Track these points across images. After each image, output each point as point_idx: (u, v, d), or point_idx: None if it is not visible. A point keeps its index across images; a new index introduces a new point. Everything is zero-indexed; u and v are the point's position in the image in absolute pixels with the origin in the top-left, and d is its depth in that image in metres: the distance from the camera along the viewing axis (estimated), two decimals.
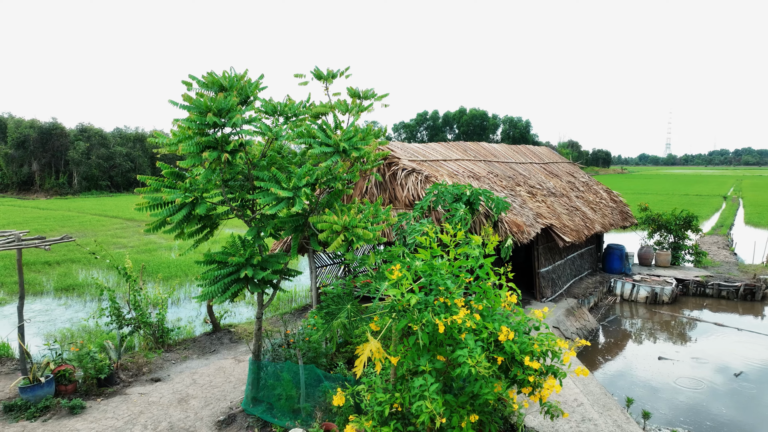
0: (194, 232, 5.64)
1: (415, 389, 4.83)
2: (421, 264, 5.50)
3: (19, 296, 7.08)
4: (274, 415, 6.38)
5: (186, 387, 7.63)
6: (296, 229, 5.60)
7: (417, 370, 5.17)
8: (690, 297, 14.62)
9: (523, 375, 4.90)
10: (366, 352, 5.32)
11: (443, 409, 4.65)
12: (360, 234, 5.09)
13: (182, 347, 9.36)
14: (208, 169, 4.98)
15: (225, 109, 4.88)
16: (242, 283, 5.41)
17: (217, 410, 6.87)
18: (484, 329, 5.01)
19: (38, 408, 6.71)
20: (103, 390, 7.39)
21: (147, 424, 6.49)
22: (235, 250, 5.56)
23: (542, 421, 6.49)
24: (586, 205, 14.55)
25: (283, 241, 11.88)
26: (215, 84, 5.14)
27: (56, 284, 15.67)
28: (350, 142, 5.22)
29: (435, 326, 4.93)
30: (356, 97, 6.25)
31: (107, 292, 9.01)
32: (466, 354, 4.69)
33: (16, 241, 6.88)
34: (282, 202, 5.05)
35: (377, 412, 5.12)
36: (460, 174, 10.67)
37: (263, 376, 6.63)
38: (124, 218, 33.17)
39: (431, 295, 5.19)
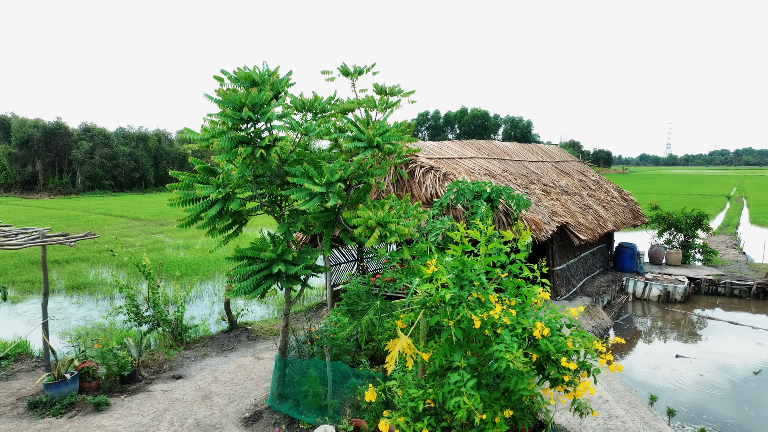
0: (224, 228, 5.62)
1: (450, 385, 4.82)
2: (452, 260, 5.51)
3: (43, 293, 7.08)
4: (300, 412, 6.37)
5: (208, 384, 7.63)
6: (327, 225, 5.59)
7: (451, 365, 5.17)
8: (702, 296, 14.61)
9: (557, 373, 4.89)
10: (397, 348, 5.31)
11: (480, 404, 4.64)
12: (394, 229, 5.08)
13: (201, 345, 9.35)
14: (242, 165, 4.96)
15: (259, 104, 4.87)
16: (273, 279, 5.39)
17: (242, 407, 6.86)
18: (518, 325, 5.00)
19: (63, 405, 6.70)
20: (125, 387, 7.38)
21: (173, 421, 6.48)
22: (265, 246, 5.56)
23: (569, 418, 6.48)
24: (598, 204, 14.54)
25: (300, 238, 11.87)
26: (247, 79, 5.13)
27: (67, 283, 15.65)
28: (384, 137, 5.21)
29: (470, 322, 4.93)
30: (382, 94, 6.25)
31: (125, 290, 8.99)
32: (504, 349, 4.69)
33: (40, 237, 6.87)
34: (315, 198, 5.04)
35: (410, 408, 5.11)
36: (477, 172, 10.67)
37: (289, 373, 6.62)
38: (130, 217, 33.17)
39: (464, 291, 5.19)
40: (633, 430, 6.15)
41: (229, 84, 5.29)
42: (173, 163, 63.02)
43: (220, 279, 16.56)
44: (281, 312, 12.61)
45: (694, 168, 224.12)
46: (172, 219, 32.61)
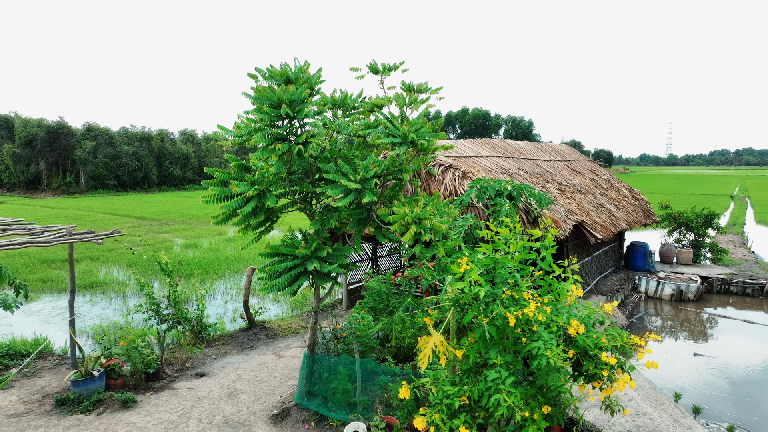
0: (257, 224, 5.63)
1: (488, 382, 4.83)
2: (483, 257, 5.52)
3: (69, 290, 7.09)
4: (329, 409, 6.38)
5: (232, 382, 7.64)
6: (360, 222, 5.60)
7: (486, 362, 5.18)
8: (714, 294, 14.62)
9: (595, 369, 4.91)
10: (429, 345, 5.33)
11: (521, 402, 4.65)
12: (429, 226, 5.09)
13: (220, 343, 9.36)
14: (279, 161, 4.97)
15: (297, 101, 4.88)
16: (307, 276, 5.40)
17: (269, 404, 6.87)
18: (552, 322, 5.01)
19: (91, 402, 6.72)
20: (150, 384, 7.39)
21: (202, 418, 6.49)
22: (297, 243, 5.57)
23: (597, 416, 6.49)
24: (611, 203, 14.55)
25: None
26: (281, 76, 5.14)
27: (79, 282, 15.64)
28: (418, 133, 5.22)
29: (504, 319, 4.95)
30: (410, 91, 6.26)
31: (146, 289, 8.99)
32: (542, 346, 4.70)
33: (68, 235, 6.88)
34: (351, 194, 5.05)
35: (446, 404, 5.12)
36: (494, 170, 10.68)
37: (316, 370, 6.63)
38: (135, 217, 33.18)
39: (497, 288, 5.20)
40: (662, 427, 6.16)
41: (263, 81, 5.31)
42: (176, 163, 63.04)
43: (231, 278, 16.58)
44: (296, 311, 12.64)
45: (695, 168, 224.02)
46: (178, 218, 32.63)
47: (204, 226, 29.40)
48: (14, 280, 8.64)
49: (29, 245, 6.40)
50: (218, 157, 71.74)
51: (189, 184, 65.95)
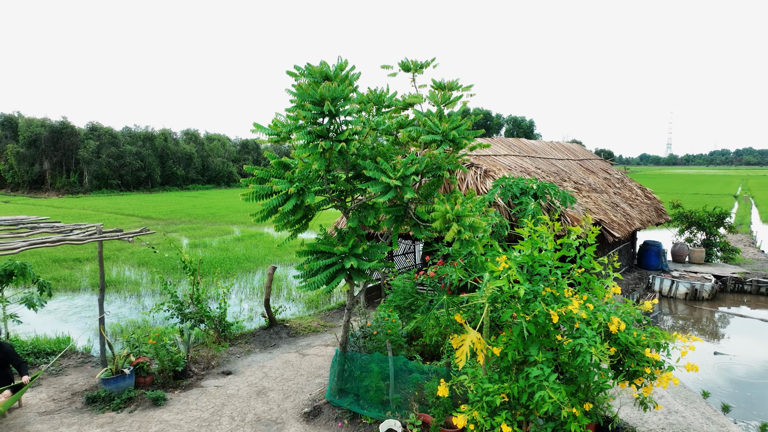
0: (295, 222, 5.62)
1: (531, 379, 4.84)
2: (521, 255, 5.52)
3: (99, 288, 7.10)
4: (361, 407, 6.38)
5: (259, 380, 7.64)
6: (397, 219, 5.60)
7: (526, 360, 5.18)
8: (728, 293, 14.62)
9: (637, 366, 4.91)
10: (467, 343, 5.34)
11: (566, 399, 4.65)
12: (469, 223, 5.09)
13: (243, 341, 9.37)
14: (321, 159, 4.98)
15: (339, 98, 4.88)
16: (345, 273, 5.40)
17: (299, 402, 6.87)
18: (594, 319, 5.02)
19: (122, 399, 6.72)
20: (178, 382, 7.39)
21: (234, 416, 6.49)
22: (334, 240, 5.57)
23: (629, 413, 6.49)
24: (624, 202, 14.56)
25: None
26: (321, 74, 5.14)
27: (92, 281, 15.66)
28: (459, 131, 5.22)
29: (547, 316, 4.95)
30: (441, 89, 6.27)
31: (169, 288, 8.99)
32: (586, 343, 4.71)
33: (98, 233, 6.88)
34: (391, 191, 5.05)
35: (486, 402, 5.12)
36: (514, 169, 10.69)
37: (348, 368, 6.63)
38: (141, 216, 33.17)
39: (537, 286, 5.20)
40: (696, 425, 6.16)
41: (302, 79, 5.32)
42: (179, 163, 63.04)
43: (243, 277, 16.58)
44: (311, 310, 12.64)
45: (695, 168, 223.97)
46: (184, 218, 32.64)
47: (210, 225, 29.41)
48: (38, 278, 8.66)
49: (62, 243, 6.40)
50: (221, 157, 71.74)
51: (192, 183, 65.95)
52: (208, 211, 36.66)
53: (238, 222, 31.11)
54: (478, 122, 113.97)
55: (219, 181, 70.13)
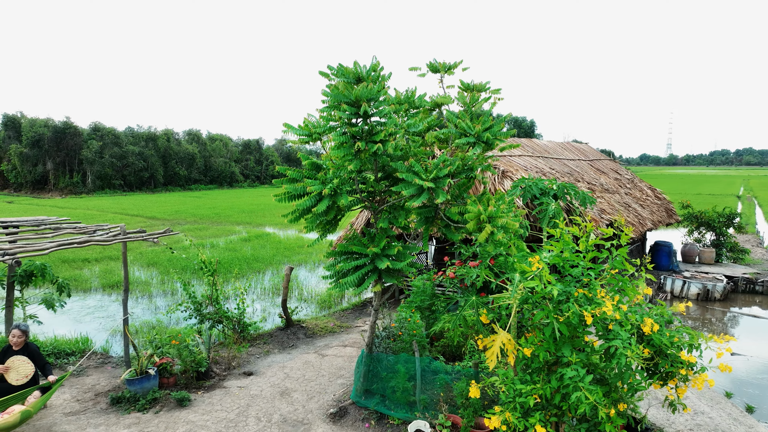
0: (327, 222, 5.63)
1: (566, 380, 4.84)
2: (551, 256, 5.52)
3: (123, 290, 7.09)
4: (388, 407, 6.39)
5: (281, 381, 7.64)
6: (427, 221, 5.60)
7: (559, 361, 5.19)
8: (739, 294, 14.62)
9: (671, 367, 4.92)
10: (497, 343, 5.34)
11: (603, 400, 4.66)
12: (502, 224, 5.09)
13: (261, 342, 9.37)
14: (356, 159, 4.98)
15: (374, 99, 4.89)
16: (376, 274, 5.41)
17: (323, 403, 6.87)
18: (626, 321, 5.03)
19: (147, 400, 6.72)
20: (201, 383, 7.40)
21: (260, 417, 6.49)
22: (364, 241, 5.57)
23: (655, 414, 6.49)
24: (636, 202, 14.57)
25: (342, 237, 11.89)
26: (353, 74, 5.14)
27: (103, 281, 15.66)
28: (492, 132, 5.23)
29: (581, 317, 4.96)
30: (468, 90, 6.27)
31: (187, 288, 8.98)
32: (621, 345, 4.71)
33: (122, 234, 6.88)
34: (424, 193, 5.05)
35: (519, 403, 5.13)
36: (529, 169, 10.69)
37: (373, 368, 6.63)
38: (146, 216, 33.16)
39: (570, 287, 5.21)
40: (723, 426, 6.17)
41: (333, 80, 5.33)
42: (182, 163, 63.03)
43: (253, 277, 16.57)
44: (324, 311, 12.63)
45: (695, 168, 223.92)
46: (189, 218, 32.64)
47: (216, 225, 29.40)
48: (57, 279, 8.66)
49: (88, 244, 6.41)
50: (223, 157, 71.73)
51: (195, 184, 65.96)
52: (212, 211, 36.67)
53: (244, 222, 31.12)
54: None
55: (221, 182, 70.15)
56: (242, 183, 73.00)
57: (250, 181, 75.31)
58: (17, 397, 5.99)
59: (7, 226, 7.86)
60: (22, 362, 6.34)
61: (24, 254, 5.56)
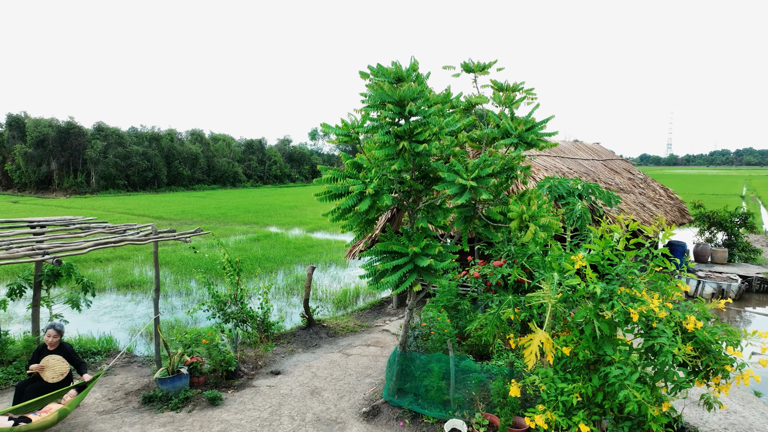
0: (368, 221, 5.63)
1: (611, 378, 4.86)
2: (590, 255, 5.54)
3: (154, 289, 7.10)
4: (421, 406, 6.39)
5: (310, 380, 7.65)
6: (466, 220, 5.62)
7: (602, 359, 5.20)
8: (754, 294, 14.64)
9: (715, 365, 4.93)
10: (535, 342, 5.35)
11: (652, 398, 4.67)
12: (544, 223, 5.11)
13: (285, 341, 9.39)
14: (400, 158, 4.99)
15: (417, 99, 4.90)
16: (416, 273, 5.42)
17: (354, 402, 6.89)
18: (671, 318, 5.04)
19: (180, 399, 6.73)
20: (230, 382, 7.41)
21: (293, 416, 6.50)
22: (404, 240, 5.58)
23: (687, 413, 6.51)
24: (650, 202, 14.58)
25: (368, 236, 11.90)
26: (394, 74, 5.16)
27: (117, 281, 15.68)
28: (534, 132, 5.24)
29: (627, 315, 4.97)
30: (502, 90, 6.28)
31: (210, 288, 8.99)
32: (667, 342, 4.72)
33: (153, 233, 6.89)
34: (466, 193, 5.06)
35: (561, 401, 5.14)
36: (549, 169, 10.71)
37: (406, 367, 6.64)
38: (152, 216, 33.15)
39: (612, 285, 5.22)
40: (757, 425, 6.18)
41: (368, 80, 5.34)
42: (185, 163, 63.02)
43: (267, 277, 16.58)
44: (341, 310, 12.64)
45: (696, 168, 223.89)
46: (196, 218, 32.64)
47: (223, 225, 29.42)
48: (82, 278, 8.68)
49: (123, 243, 6.41)
50: (226, 157, 71.70)
51: (198, 183, 65.95)
52: (218, 211, 36.68)
53: (250, 222, 31.13)
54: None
55: (225, 182, 70.15)
56: (245, 183, 73.00)
57: (252, 181, 75.30)
58: (53, 396, 6.01)
59: (34, 225, 7.88)
60: (57, 361, 6.36)
61: (63, 253, 5.57)
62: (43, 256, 5.35)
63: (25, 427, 5.45)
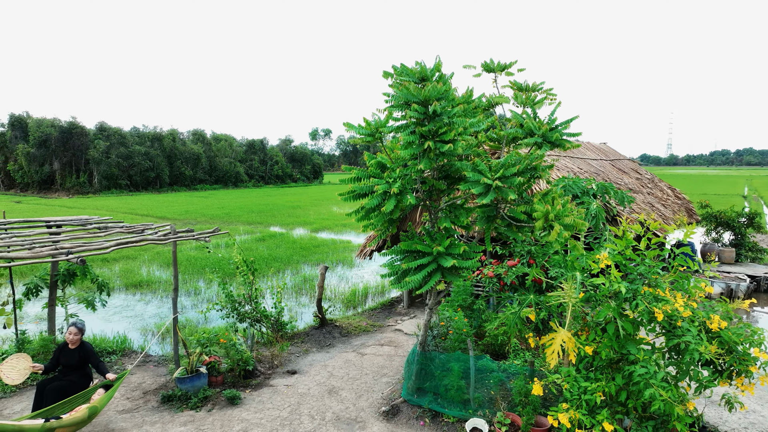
0: (392, 221, 5.65)
1: (635, 377, 4.87)
2: (613, 254, 5.55)
3: (173, 288, 7.12)
4: (441, 405, 6.41)
5: (326, 379, 7.67)
6: (489, 220, 5.63)
7: (625, 358, 5.21)
8: (762, 293, 14.65)
9: (740, 365, 4.95)
10: (557, 341, 5.37)
11: (678, 396, 4.70)
12: (569, 223, 5.13)
13: (299, 341, 9.40)
14: (425, 158, 5.01)
15: (442, 99, 4.92)
16: (440, 273, 5.43)
17: (373, 401, 6.90)
18: (695, 318, 5.06)
19: (199, 398, 6.75)
20: (248, 382, 7.43)
21: (313, 415, 6.52)
22: (427, 239, 5.60)
23: (706, 412, 6.52)
24: (658, 202, 14.60)
25: (372, 237, 11.91)
26: (418, 74, 5.18)
27: (125, 280, 15.69)
28: (558, 132, 5.26)
29: (651, 314, 5.00)
30: (521, 90, 6.31)
31: (223, 287, 9.00)
32: (693, 341, 4.74)
33: (172, 233, 6.91)
34: (491, 192, 5.08)
35: (585, 400, 5.16)
36: (562, 169, 10.72)
37: (425, 366, 6.65)
38: (157, 216, 33.17)
39: (636, 284, 5.24)
40: None
41: (389, 80, 5.36)
42: (187, 163, 63.03)
43: (274, 277, 16.60)
44: (351, 310, 12.66)
45: (696, 168, 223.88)
46: (200, 218, 32.64)
47: (228, 225, 29.42)
48: (97, 278, 8.70)
49: (144, 243, 6.43)
50: (228, 157, 71.72)
51: (200, 183, 65.98)
52: (222, 211, 36.70)
53: (254, 222, 31.14)
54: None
55: (226, 182, 70.17)
56: (247, 183, 73.03)
57: (254, 181, 75.32)
58: (82, 396, 6.06)
59: (50, 225, 7.90)
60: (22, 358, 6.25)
61: (86, 253, 5.59)
62: (66, 256, 5.36)
63: (56, 423, 5.50)
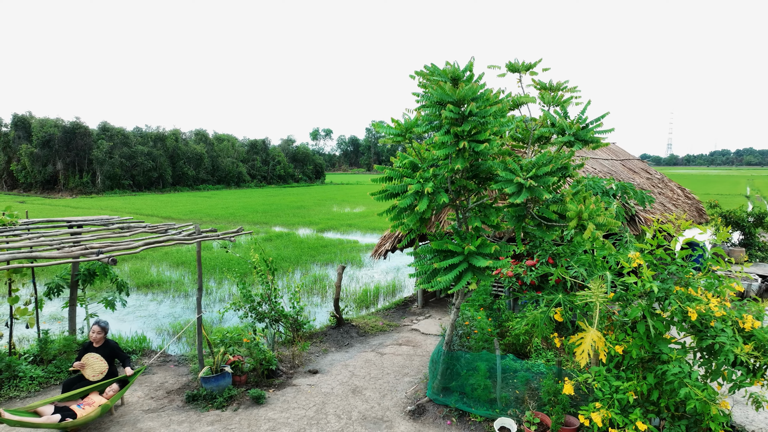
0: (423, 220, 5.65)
1: (669, 377, 4.89)
2: (642, 254, 5.56)
3: (197, 288, 7.12)
4: (467, 405, 6.42)
5: (349, 379, 7.67)
6: (519, 219, 5.64)
7: (657, 357, 5.22)
8: None
9: None
10: (587, 341, 5.37)
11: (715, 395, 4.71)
12: (602, 222, 5.14)
13: (317, 340, 9.41)
14: (460, 158, 5.02)
15: (478, 98, 4.93)
16: (472, 272, 5.44)
17: (398, 401, 6.91)
18: (728, 317, 5.07)
19: (224, 398, 6.75)
20: (271, 381, 7.43)
21: (339, 414, 6.53)
22: (457, 239, 5.61)
23: (733, 411, 6.53)
24: (669, 202, 14.61)
25: (387, 236, 11.91)
26: (450, 75, 5.19)
27: (136, 280, 15.70)
28: (591, 130, 5.27)
29: (684, 314, 5.01)
30: (545, 89, 6.31)
31: (242, 288, 8.99)
32: (728, 341, 4.75)
33: (196, 233, 6.92)
34: (524, 191, 5.09)
35: (617, 399, 5.17)
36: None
37: (450, 366, 6.67)
38: (161, 216, 33.20)
39: (668, 284, 5.25)
40: None
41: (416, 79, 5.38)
42: (190, 163, 63.04)
43: (284, 277, 16.60)
44: (363, 310, 12.67)
45: (696, 168, 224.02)
46: (205, 218, 32.66)
47: (233, 225, 29.42)
48: (116, 278, 8.70)
49: (171, 243, 6.44)
50: (230, 157, 71.72)
51: (202, 183, 65.99)
52: (226, 211, 36.71)
53: (259, 222, 31.15)
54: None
55: (229, 182, 70.19)
56: (249, 183, 73.04)
57: (257, 181, 75.33)
58: (96, 387, 6.15)
59: (72, 225, 7.92)
60: (96, 359, 6.42)
61: (116, 253, 5.60)
62: (97, 256, 5.37)
63: (71, 423, 5.63)
